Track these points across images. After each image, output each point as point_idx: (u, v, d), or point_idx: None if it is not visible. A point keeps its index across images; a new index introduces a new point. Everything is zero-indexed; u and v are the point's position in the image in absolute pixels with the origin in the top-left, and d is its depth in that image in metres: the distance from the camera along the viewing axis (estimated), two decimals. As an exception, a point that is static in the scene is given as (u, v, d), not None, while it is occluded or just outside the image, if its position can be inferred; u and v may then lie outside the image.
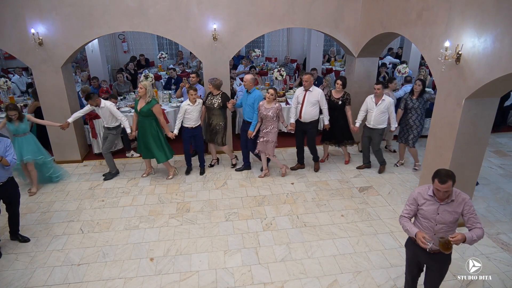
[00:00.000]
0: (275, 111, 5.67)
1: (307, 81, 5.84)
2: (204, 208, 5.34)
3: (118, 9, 5.97)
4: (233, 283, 3.94)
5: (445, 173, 2.82)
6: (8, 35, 5.85)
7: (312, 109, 5.95)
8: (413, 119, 6.10)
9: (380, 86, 5.83)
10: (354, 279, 3.98)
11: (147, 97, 5.64)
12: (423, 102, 6.03)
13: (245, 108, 6.02)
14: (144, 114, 5.68)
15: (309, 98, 5.90)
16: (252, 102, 5.86)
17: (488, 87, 3.82)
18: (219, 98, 5.99)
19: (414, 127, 6.13)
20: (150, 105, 5.65)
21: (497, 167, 6.56)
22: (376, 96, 5.94)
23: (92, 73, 9.90)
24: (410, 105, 6.07)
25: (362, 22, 6.57)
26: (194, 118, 5.92)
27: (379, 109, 5.91)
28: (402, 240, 4.58)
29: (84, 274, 4.07)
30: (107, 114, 5.85)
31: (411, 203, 3.11)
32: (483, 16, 3.68)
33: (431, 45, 4.59)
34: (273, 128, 5.79)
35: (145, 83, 5.67)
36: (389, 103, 5.90)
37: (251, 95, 5.92)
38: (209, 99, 6.05)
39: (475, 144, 4.36)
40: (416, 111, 6.06)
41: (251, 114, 5.93)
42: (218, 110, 6.03)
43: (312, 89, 5.91)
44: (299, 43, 14.07)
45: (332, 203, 5.45)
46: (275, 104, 5.69)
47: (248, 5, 6.26)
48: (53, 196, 5.66)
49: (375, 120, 5.97)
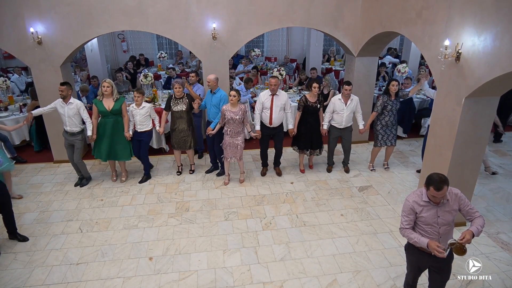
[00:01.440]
0: (242, 113, 5.45)
1: (275, 85, 5.60)
2: (203, 207, 5.33)
3: (117, 8, 5.96)
4: (232, 282, 3.93)
5: (439, 179, 2.77)
6: (7, 34, 5.84)
7: (281, 113, 5.80)
8: (392, 120, 5.99)
9: (351, 86, 5.73)
10: (353, 278, 3.97)
11: (114, 96, 5.50)
12: (399, 101, 5.98)
13: (210, 109, 5.88)
14: (115, 113, 5.52)
15: (277, 102, 5.71)
16: (218, 102, 5.74)
17: (488, 86, 3.81)
18: (186, 99, 5.75)
19: (395, 126, 6.12)
20: (121, 102, 5.54)
21: (497, 167, 6.55)
22: (344, 96, 5.81)
23: (92, 72, 9.89)
24: (389, 107, 5.88)
25: (361, 21, 6.56)
26: (136, 121, 5.67)
27: (349, 109, 5.83)
28: (401, 240, 4.57)
29: (83, 273, 4.05)
30: (73, 113, 5.47)
31: (408, 213, 3.01)
32: (483, 15, 3.67)
33: (431, 44, 4.59)
34: (242, 130, 5.64)
35: (110, 81, 5.49)
36: (357, 102, 5.88)
37: (215, 95, 5.78)
38: (174, 103, 5.76)
39: (475, 143, 4.35)
40: (393, 111, 5.95)
41: (216, 114, 5.80)
42: (185, 113, 5.77)
43: (279, 93, 5.73)
44: (298, 42, 14.05)
45: (331, 203, 5.43)
46: (240, 106, 5.47)
47: (248, 4, 6.25)
48: (52, 196, 5.65)
49: (346, 120, 5.89)
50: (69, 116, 5.47)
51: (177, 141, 5.97)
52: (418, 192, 3.04)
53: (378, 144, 6.18)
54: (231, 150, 5.64)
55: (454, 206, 2.95)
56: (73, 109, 5.46)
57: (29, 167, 6.65)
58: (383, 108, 5.91)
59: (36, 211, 5.26)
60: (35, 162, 6.83)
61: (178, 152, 6.16)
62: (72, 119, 5.50)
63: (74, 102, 5.47)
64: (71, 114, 5.47)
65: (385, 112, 5.95)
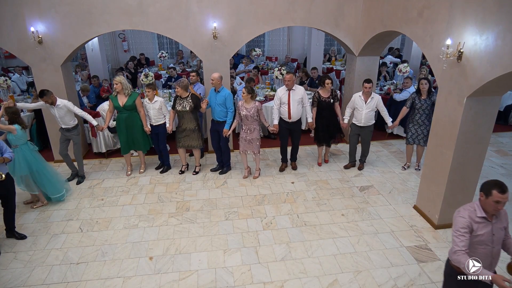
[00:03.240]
0: (256, 111, 5.61)
1: (290, 80, 5.75)
2: (203, 207, 5.32)
3: (118, 8, 5.95)
4: (232, 282, 3.91)
5: (501, 182, 2.53)
6: (7, 34, 5.83)
7: (299, 107, 5.91)
8: (423, 119, 5.97)
9: (371, 84, 5.78)
10: (354, 278, 3.95)
11: (125, 91, 5.63)
12: (431, 103, 5.88)
13: (215, 108, 5.86)
14: (128, 108, 5.69)
15: (294, 97, 5.82)
16: (223, 101, 5.74)
17: (489, 85, 3.79)
18: (190, 100, 5.77)
19: (424, 125, 6.03)
20: (133, 97, 5.68)
21: (499, 167, 6.53)
22: (364, 94, 5.88)
23: (92, 72, 9.89)
24: (418, 105, 5.94)
25: (362, 21, 6.54)
26: (151, 115, 5.91)
27: (369, 107, 5.88)
28: (402, 240, 4.56)
29: (83, 273, 4.05)
30: (64, 113, 5.55)
31: (465, 232, 2.58)
32: (485, 14, 3.65)
33: (432, 43, 4.56)
34: (256, 126, 5.74)
35: (119, 78, 5.64)
36: (378, 100, 5.89)
37: (220, 94, 5.77)
38: (178, 103, 5.81)
39: (477, 143, 4.33)
40: (424, 111, 5.94)
41: (222, 113, 5.82)
42: (190, 113, 5.80)
43: (295, 88, 5.86)
44: (299, 42, 14.03)
45: (332, 202, 5.42)
46: (254, 104, 5.62)
47: (248, 4, 6.23)
48: (52, 195, 5.64)
49: (366, 118, 5.94)
50: (60, 116, 5.57)
51: (180, 140, 6.02)
52: (469, 207, 2.69)
53: (407, 142, 6.29)
54: (245, 144, 5.82)
55: (504, 222, 2.72)
56: (62, 110, 5.53)
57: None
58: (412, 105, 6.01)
59: (36, 210, 5.25)
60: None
61: (182, 151, 6.18)
62: (64, 118, 5.60)
63: (62, 103, 5.51)
64: (62, 114, 5.56)
65: (415, 110, 6.02)
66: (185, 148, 6.13)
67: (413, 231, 4.74)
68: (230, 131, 5.84)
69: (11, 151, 4.30)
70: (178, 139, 6.03)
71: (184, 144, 6.02)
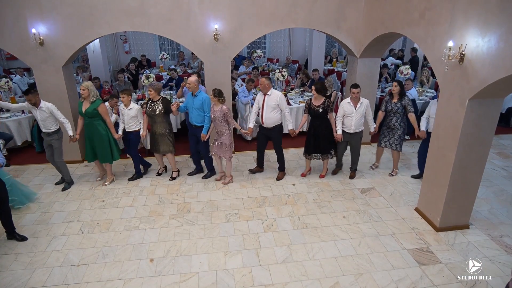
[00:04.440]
0: (222, 114, 5.48)
1: (262, 84, 5.55)
2: (204, 209, 5.31)
3: (119, 9, 5.95)
4: (233, 284, 3.90)
5: None
6: (8, 35, 5.84)
7: (273, 114, 5.67)
8: (393, 122, 5.91)
9: (358, 89, 5.58)
10: (355, 281, 3.93)
11: (91, 98, 5.42)
12: (402, 106, 5.81)
13: (192, 112, 5.73)
14: (89, 115, 5.47)
15: (268, 102, 5.63)
16: (200, 105, 5.60)
17: (492, 87, 3.78)
18: (160, 104, 5.63)
19: (395, 130, 5.96)
20: (95, 105, 5.44)
21: (500, 169, 6.51)
22: (353, 99, 5.67)
23: (94, 73, 9.89)
24: (389, 108, 5.89)
25: (364, 22, 6.53)
26: (125, 121, 5.77)
27: (358, 113, 5.68)
28: (404, 242, 4.54)
29: (84, 274, 4.04)
30: (46, 116, 5.38)
31: None
32: (487, 16, 3.64)
33: (434, 45, 4.55)
34: (226, 130, 5.61)
35: (87, 83, 5.42)
36: (367, 105, 5.73)
37: (197, 98, 5.63)
38: (149, 106, 5.68)
39: (479, 145, 4.32)
40: (395, 114, 5.87)
41: (199, 118, 5.69)
42: (161, 117, 5.66)
43: (270, 93, 5.63)
44: (300, 44, 14.04)
45: (333, 205, 5.40)
46: (222, 107, 5.48)
47: (250, 5, 6.23)
48: (53, 197, 5.64)
49: (356, 124, 5.73)
50: (42, 119, 5.40)
51: (152, 144, 5.95)
52: None
53: (378, 144, 6.27)
54: (216, 147, 5.75)
55: None
56: (44, 113, 5.36)
57: (31, 168, 6.64)
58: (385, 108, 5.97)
59: (37, 212, 5.25)
60: (37, 163, 6.82)
61: (158, 155, 6.11)
62: (46, 122, 5.43)
63: (45, 105, 5.35)
64: (44, 117, 5.39)
65: (386, 113, 6.00)
66: (157, 153, 6.00)
67: (414, 234, 4.72)
68: (208, 136, 5.70)
69: (2, 157, 4.24)
70: (150, 143, 6.00)
71: (155, 148, 5.93)
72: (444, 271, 4.05)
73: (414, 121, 5.86)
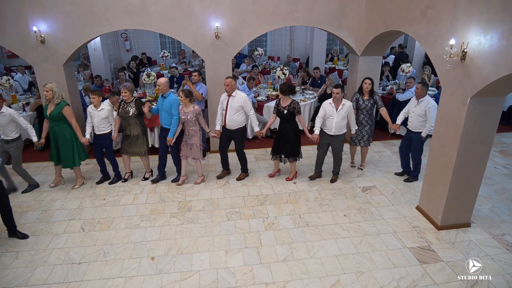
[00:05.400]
0: (194, 115, 5.39)
1: (228, 85, 5.40)
2: (205, 207, 5.31)
3: (120, 7, 5.95)
4: (234, 283, 3.90)
5: None
6: (10, 33, 5.84)
7: (237, 116, 5.55)
8: (361, 119, 5.93)
9: (339, 90, 5.33)
10: (356, 279, 3.93)
11: (55, 100, 5.21)
12: (373, 102, 5.84)
13: (162, 114, 5.57)
14: (54, 118, 5.27)
15: (232, 103, 5.49)
16: (168, 107, 5.42)
17: (493, 85, 3.76)
18: (133, 105, 5.51)
19: (362, 126, 5.96)
20: (59, 107, 5.23)
21: (502, 167, 6.49)
22: (335, 101, 5.44)
23: (95, 71, 9.90)
24: (362, 105, 5.84)
25: (365, 20, 6.51)
26: (95, 123, 5.55)
27: (339, 115, 5.44)
28: (405, 241, 4.53)
29: (85, 273, 4.04)
30: (6, 122, 5.13)
31: None
32: (489, 14, 3.62)
33: (436, 43, 4.54)
34: (197, 131, 5.51)
35: (51, 85, 5.20)
36: (349, 107, 5.48)
37: (166, 100, 5.45)
38: (122, 108, 5.53)
39: (480, 143, 4.30)
40: (368, 111, 5.88)
41: (168, 120, 5.51)
42: (134, 118, 5.53)
43: (235, 94, 5.49)
44: (302, 42, 14.02)
45: (334, 203, 5.40)
46: (193, 107, 5.39)
47: (251, 3, 6.22)
48: (55, 194, 5.65)
49: (337, 126, 5.50)
50: (1, 125, 5.16)
51: (124, 146, 5.77)
52: None
53: (351, 143, 6.24)
54: (185, 149, 5.62)
55: None
56: (5, 118, 5.13)
57: (32, 166, 6.65)
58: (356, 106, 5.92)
59: (38, 210, 5.26)
60: (38, 161, 6.83)
61: (126, 158, 5.89)
62: (5, 128, 5.20)
63: (6, 111, 5.13)
64: (3, 123, 5.15)
65: (358, 111, 5.94)
66: (130, 155, 5.86)
67: (415, 232, 4.72)
68: (174, 139, 5.52)
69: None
70: (122, 146, 5.80)
71: (128, 150, 5.76)
72: (445, 270, 4.05)
73: (387, 115, 5.98)
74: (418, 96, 5.50)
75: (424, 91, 5.44)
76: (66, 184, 5.96)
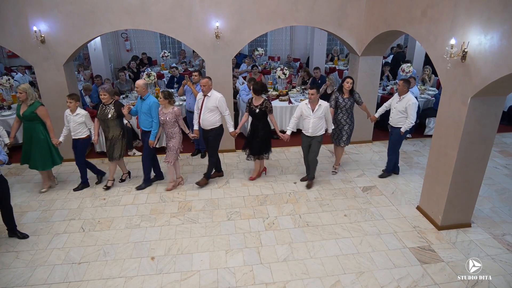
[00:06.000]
0: (173, 116, 5.30)
1: (205, 85, 5.31)
2: (205, 207, 5.31)
3: (120, 7, 5.94)
4: (234, 283, 3.90)
5: None
6: (10, 33, 5.84)
7: (211, 116, 5.46)
8: (339, 118, 5.86)
9: (315, 91, 5.24)
10: (357, 279, 3.93)
11: (29, 101, 5.17)
12: (353, 101, 5.82)
13: (140, 116, 5.47)
14: (27, 118, 5.20)
15: (207, 104, 5.41)
16: (147, 109, 5.31)
17: (494, 85, 3.75)
18: (112, 107, 5.41)
19: (341, 125, 5.90)
20: (33, 107, 5.17)
21: (502, 167, 6.48)
22: (311, 102, 5.35)
23: (95, 71, 9.90)
24: (342, 104, 5.78)
25: (365, 20, 6.51)
26: (71, 127, 5.44)
27: (316, 115, 5.36)
28: (405, 241, 4.53)
29: (85, 272, 4.04)
30: None
31: None
32: (490, 13, 3.62)
33: (436, 43, 4.53)
34: (177, 133, 5.41)
35: (24, 86, 5.16)
36: (326, 108, 5.38)
37: (145, 102, 5.34)
38: (101, 110, 5.43)
39: (481, 143, 4.30)
40: (347, 110, 5.83)
41: (147, 122, 5.41)
42: (114, 121, 5.42)
43: (210, 94, 5.40)
44: (302, 42, 14.01)
45: (335, 203, 5.39)
46: (173, 109, 5.31)
47: (251, 3, 6.22)
48: (55, 194, 5.65)
49: (314, 127, 5.42)
50: None
51: (107, 151, 5.64)
52: None
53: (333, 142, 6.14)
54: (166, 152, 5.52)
55: None
56: None
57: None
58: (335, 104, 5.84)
59: (38, 209, 5.26)
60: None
61: (111, 164, 5.76)
62: None
63: None
64: None
65: (337, 110, 5.87)
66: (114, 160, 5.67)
67: (416, 232, 4.71)
68: (156, 142, 5.46)
69: (5, 154, 4.24)
70: (106, 151, 5.68)
71: (110, 156, 5.63)
72: (445, 270, 4.04)
73: (366, 108, 6.07)
74: (400, 93, 5.60)
75: (405, 87, 5.54)
76: (66, 184, 5.96)
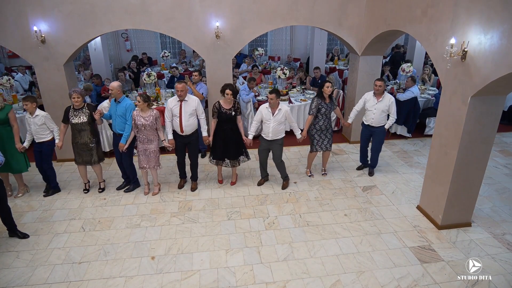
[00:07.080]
0: (154, 119, 5.13)
1: (183, 90, 5.13)
2: (206, 206, 5.31)
3: (120, 7, 5.95)
4: (234, 282, 3.90)
5: None
6: (10, 33, 5.84)
7: (192, 120, 5.32)
8: (323, 123, 5.68)
9: (274, 95, 5.12)
10: (357, 279, 3.93)
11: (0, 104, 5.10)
12: (333, 106, 5.72)
13: (115, 119, 5.31)
14: (1, 122, 5.12)
15: (186, 108, 5.22)
16: (123, 112, 5.20)
17: (494, 85, 3.75)
18: (86, 110, 5.22)
19: (326, 130, 5.75)
20: (5, 111, 5.11)
21: (503, 167, 6.48)
22: (271, 106, 5.25)
23: (95, 71, 9.89)
24: (323, 110, 5.58)
25: (366, 20, 6.51)
26: (32, 131, 5.25)
27: (276, 120, 5.26)
28: (405, 240, 4.53)
29: (85, 272, 4.04)
30: None
31: None
32: (490, 12, 3.62)
33: (436, 42, 4.53)
34: (156, 137, 5.27)
35: None
36: (286, 112, 5.29)
37: (121, 104, 5.23)
38: (73, 115, 5.19)
39: (481, 143, 4.30)
40: (327, 116, 5.67)
41: (122, 125, 5.28)
42: (88, 125, 5.25)
43: (188, 99, 5.25)
44: (302, 41, 14.01)
45: (335, 202, 5.39)
46: (152, 112, 5.15)
47: (251, 3, 6.22)
48: (55, 194, 5.65)
49: (274, 131, 5.32)
50: None
51: (78, 156, 5.43)
52: None
53: (313, 149, 5.87)
54: (145, 158, 5.31)
55: None
56: None
57: (32, 165, 6.63)
58: (317, 111, 5.61)
59: (39, 209, 5.26)
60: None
61: (82, 168, 5.57)
62: None
63: None
64: None
65: (319, 116, 5.64)
66: (84, 164, 5.51)
67: (416, 232, 4.71)
68: (126, 146, 5.27)
69: (1, 155, 4.24)
70: (75, 155, 5.46)
71: (79, 160, 5.45)
72: (446, 269, 4.04)
73: (339, 112, 6.12)
74: (380, 93, 5.67)
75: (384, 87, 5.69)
76: (66, 184, 5.96)
